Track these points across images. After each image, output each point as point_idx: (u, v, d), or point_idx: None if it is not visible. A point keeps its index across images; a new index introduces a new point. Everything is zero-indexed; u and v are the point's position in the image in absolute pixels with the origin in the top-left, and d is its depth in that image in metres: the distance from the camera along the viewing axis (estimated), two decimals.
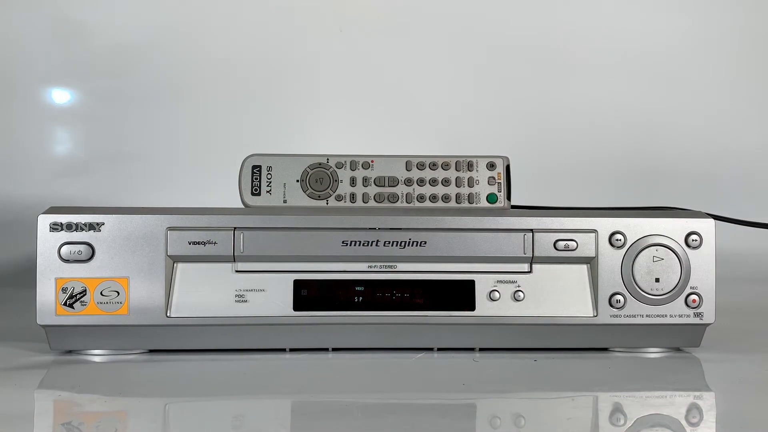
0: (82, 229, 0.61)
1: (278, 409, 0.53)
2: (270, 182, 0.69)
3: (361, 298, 0.63)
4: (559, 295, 0.64)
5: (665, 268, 0.64)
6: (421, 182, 0.70)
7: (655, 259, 0.64)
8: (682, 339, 0.66)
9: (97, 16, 1.23)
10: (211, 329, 0.63)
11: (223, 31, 1.25)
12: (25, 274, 0.87)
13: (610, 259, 0.64)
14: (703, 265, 0.64)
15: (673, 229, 0.64)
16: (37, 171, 1.21)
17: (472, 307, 0.63)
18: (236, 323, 0.62)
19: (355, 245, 0.63)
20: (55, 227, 0.61)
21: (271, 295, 0.63)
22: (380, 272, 0.63)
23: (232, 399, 0.54)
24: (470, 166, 0.71)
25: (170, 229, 0.62)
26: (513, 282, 0.64)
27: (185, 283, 0.62)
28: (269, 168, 0.70)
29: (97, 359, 0.63)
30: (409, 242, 0.63)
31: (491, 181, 0.70)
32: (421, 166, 0.70)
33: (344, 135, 1.26)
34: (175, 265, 0.62)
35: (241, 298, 0.62)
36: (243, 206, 0.69)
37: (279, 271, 0.63)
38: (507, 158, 0.71)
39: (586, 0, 1.30)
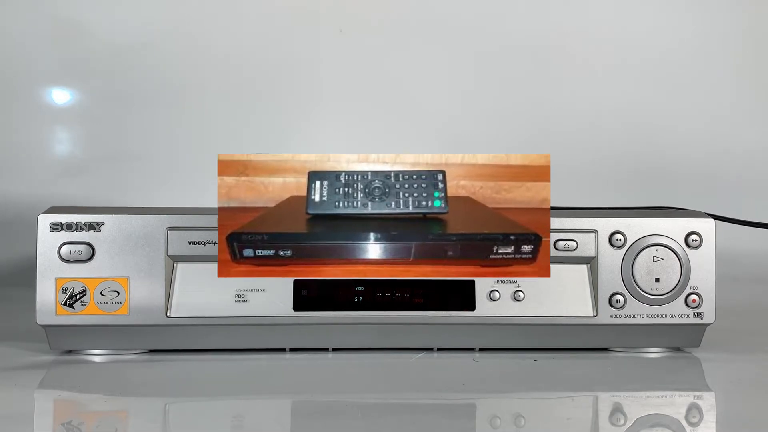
0: (82, 229, 0.61)
1: (278, 409, 0.53)
2: None
3: (361, 298, 0.63)
4: (559, 295, 0.64)
5: (665, 268, 0.64)
6: None
7: (655, 259, 0.64)
8: (682, 339, 0.66)
9: (97, 16, 1.23)
10: (211, 329, 0.62)
11: (224, 31, 1.25)
12: (25, 274, 0.87)
13: (610, 259, 0.64)
14: (703, 265, 0.64)
15: (673, 229, 0.64)
16: (37, 171, 1.21)
17: (472, 307, 0.63)
18: (236, 323, 0.62)
19: None
20: (55, 227, 0.61)
21: (271, 295, 0.62)
22: None
23: (232, 399, 0.54)
24: None
25: (170, 229, 0.62)
26: (513, 282, 0.64)
27: (185, 283, 0.62)
28: None
29: (97, 359, 0.63)
30: None
31: None
32: None
33: (344, 135, 1.26)
34: (175, 265, 0.62)
35: (241, 298, 0.62)
36: None
37: None
38: None
39: (588, 1, 1.30)
